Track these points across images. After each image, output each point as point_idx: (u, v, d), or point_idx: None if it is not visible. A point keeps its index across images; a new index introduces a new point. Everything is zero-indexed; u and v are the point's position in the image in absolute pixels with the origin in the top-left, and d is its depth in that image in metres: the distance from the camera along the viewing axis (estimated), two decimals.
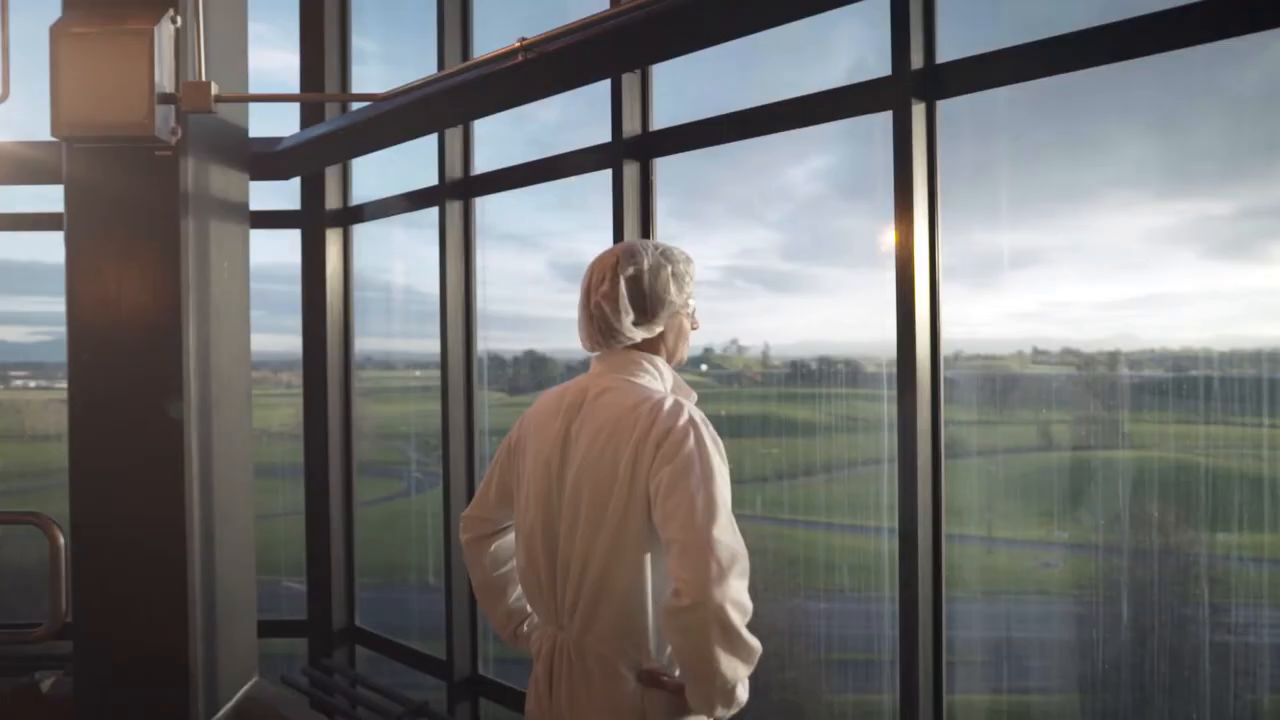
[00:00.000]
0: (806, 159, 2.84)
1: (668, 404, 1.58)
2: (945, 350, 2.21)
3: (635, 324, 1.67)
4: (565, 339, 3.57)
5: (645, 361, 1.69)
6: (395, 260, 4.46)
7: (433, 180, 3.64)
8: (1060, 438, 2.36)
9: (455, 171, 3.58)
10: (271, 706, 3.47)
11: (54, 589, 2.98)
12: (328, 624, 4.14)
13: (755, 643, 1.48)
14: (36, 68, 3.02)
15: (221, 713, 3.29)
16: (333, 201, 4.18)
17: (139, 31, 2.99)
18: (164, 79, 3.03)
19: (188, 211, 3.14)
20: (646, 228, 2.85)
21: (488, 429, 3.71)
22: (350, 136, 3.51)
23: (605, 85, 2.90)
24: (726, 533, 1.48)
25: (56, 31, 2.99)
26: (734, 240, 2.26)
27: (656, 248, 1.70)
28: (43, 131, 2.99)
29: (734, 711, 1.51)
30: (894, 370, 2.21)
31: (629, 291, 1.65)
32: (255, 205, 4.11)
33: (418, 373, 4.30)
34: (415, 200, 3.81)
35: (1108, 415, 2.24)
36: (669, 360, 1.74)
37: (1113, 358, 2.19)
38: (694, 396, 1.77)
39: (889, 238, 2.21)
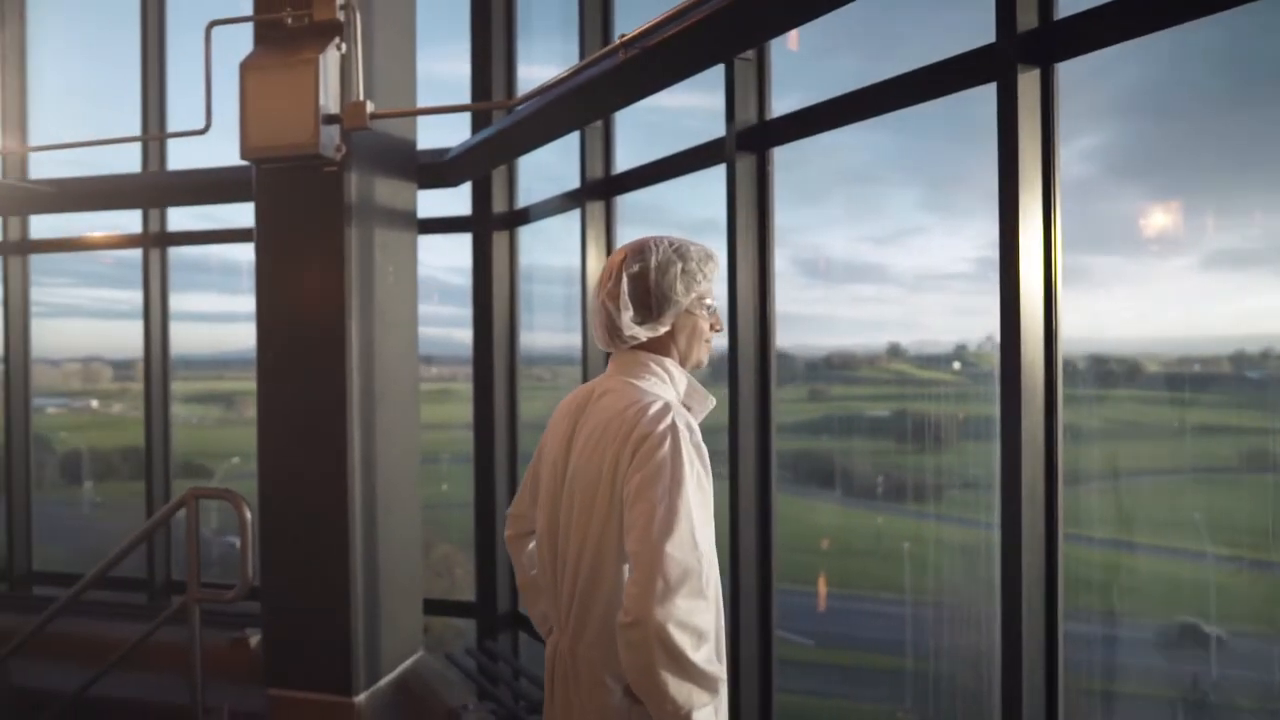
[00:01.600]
0: (1074, 138, 2.62)
1: (653, 408, 1.50)
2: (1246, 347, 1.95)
3: (638, 322, 1.60)
4: (806, 335, 3.49)
5: (653, 363, 1.62)
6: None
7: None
8: None
9: (596, 171, 3.63)
10: (429, 682, 3.72)
11: (242, 557, 3.35)
12: (493, 608, 4.37)
13: (712, 669, 1.38)
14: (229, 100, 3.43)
15: (383, 682, 3.56)
16: (499, 205, 4.39)
17: (308, 60, 3.30)
18: (329, 101, 3.32)
19: (351, 221, 3.42)
20: (763, 223, 2.73)
21: (718, 425, 3.67)
22: (494, 145, 3.68)
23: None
24: (682, 548, 1.37)
25: (245, 66, 3.38)
26: (990, 229, 2.10)
27: (672, 244, 1.62)
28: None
29: None
30: (1184, 370, 1.97)
31: (632, 289, 1.59)
32: (442, 212, 4.45)
33: None
34: (563, 202, 3.91)
35: None
36: (682, 362, 1.66)
37: None
38: (711, 402, 1.68)
39: (1171, 222, 1.97)
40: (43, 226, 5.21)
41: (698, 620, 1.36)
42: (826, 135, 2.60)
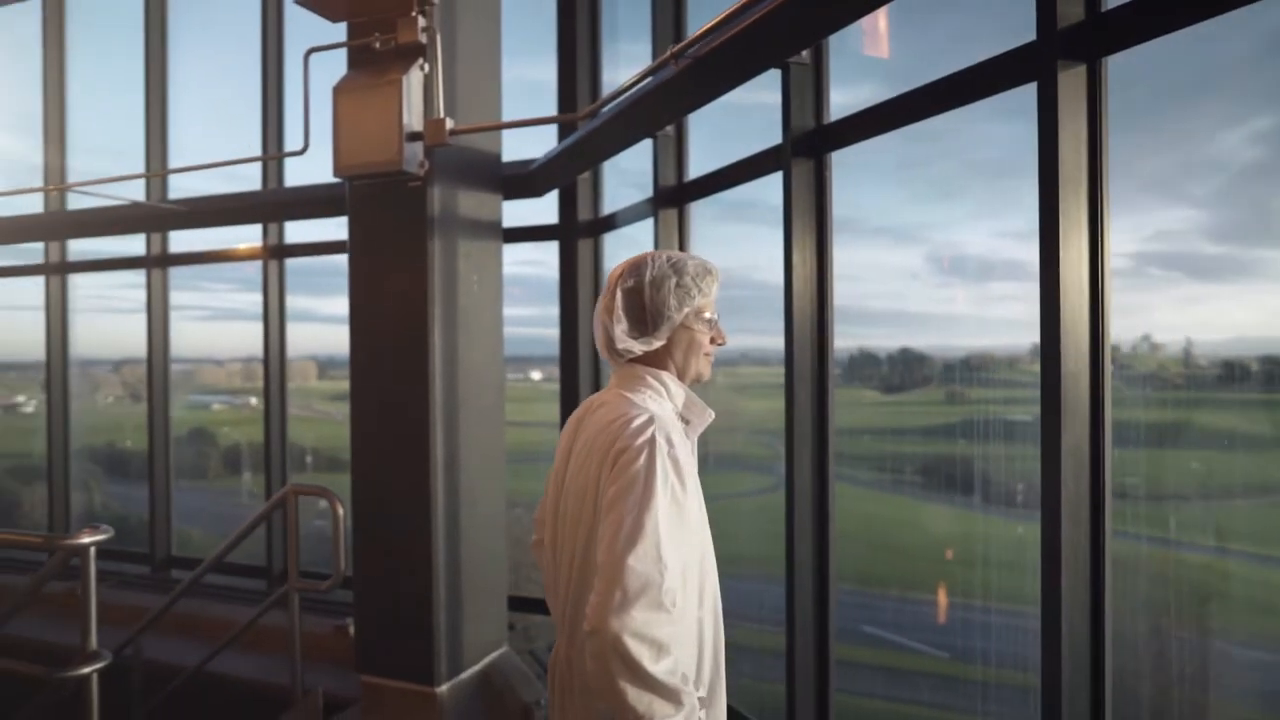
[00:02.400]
0: (1246, 120, 2.43)
1: (635, 422, 1.52)
2: None
3: (633, 336, 1.62)
4: (942, 335, 3.43)
5: (649, 376, 1.64)
6: (761, 256, 4.40)
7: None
8: None
9: (668, 178, 3.66)
10: (510, 677, 3.85)
11: (335, 549, 3.58)
12: None
13: (673, 681, 1.38)
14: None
15: (466, 674, 3.72)
16: (585, 213, 4.48)
17: (392, 81, 3.48)
18: (412, 119, 3.49)
19: (434, 233, 3.59)
20: (821, 231, 2.69)
21: (845, 428, 3.60)
22: (568, 156, 3.77)
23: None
24: (644, 561, 1.39)
25: (337, 90, 3.59)
26: (1146, 222, 2.01)
27: (670, 259, 1.64)
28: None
29: None
30: None
31: (627, 304, 1.62)
32: (536, 221, 4.59)
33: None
34: (642, 208, 3.96)
35: None
36: (680, 376, 1.67)
37: None
38: (710, 415, 1.68)
39: None
40: (182, 241, 5.69)
41: (656, 632, 1.37)
42: (965, 127, 2.47)
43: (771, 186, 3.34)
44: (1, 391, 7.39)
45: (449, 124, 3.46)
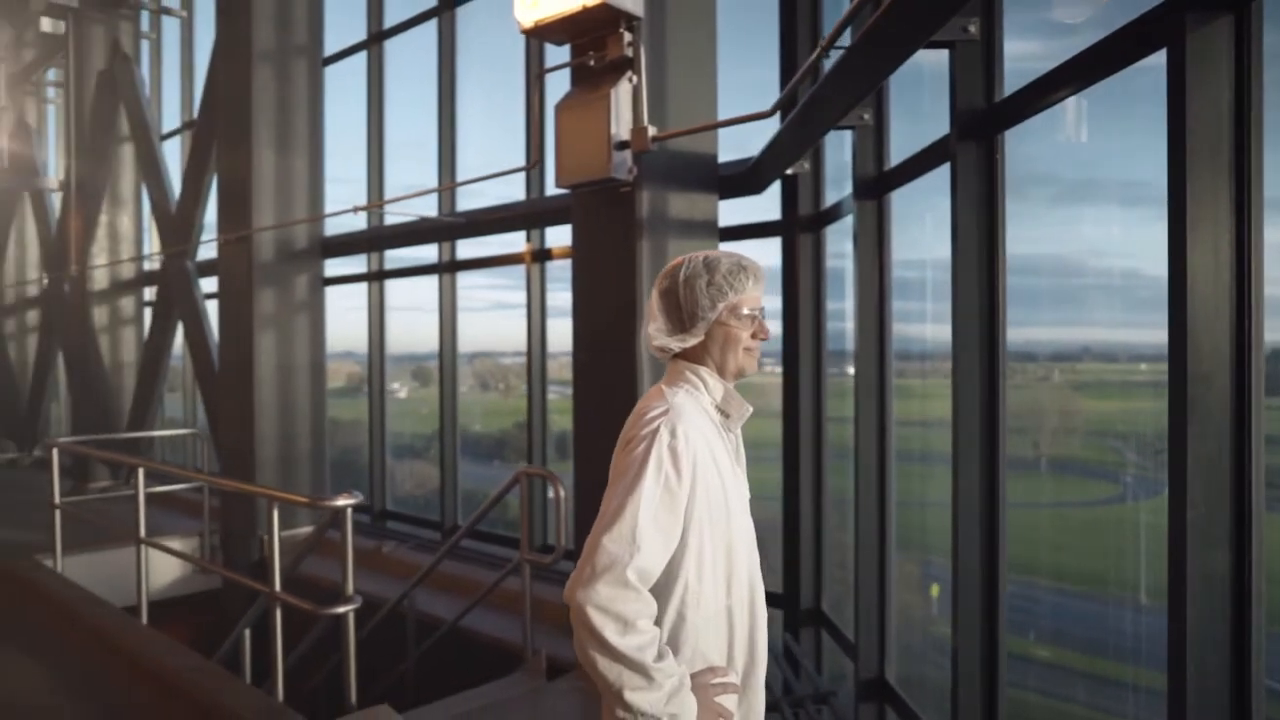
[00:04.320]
0: None
1: (650, 413, 1.57)
2: None
3: (667, 334, 1.68)
4: None
5: (688, 371, 1.68)
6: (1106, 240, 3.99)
7: None
8: None
9: (867, 170, 3.56)
10: None
11: (558, 527, 3.95)
12: (796, 602, 4.48)
13: (640, 657, 1.43)
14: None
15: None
16: (805, 207, 4.47)
17: (603, 95, 3.77)
18: (620, 129, 3.75)
19: (643, 235, 3.82)
20: (992, 223, 2.52)
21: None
22: (771, 153, 3.78)
23: None
24: (617, 542, 1.45)
25: (559, 107, 3.96)
26: None
27: (705, 259, 1.66)
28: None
29: (633, 718, 1.45)
30: None
31: (662, 304, 1.68)
32: (760, 219, 4.68)
33: (1143, 366, 3.77)
34: (848, 203, 3.88)
35: None
36: (720, 371, 1.68)
37: None
38: (748, 409, 1.68)
39: None
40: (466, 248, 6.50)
41: (620, 608, 1.44)
42: None
43: (1121, 161, 2.91)
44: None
45: (651, 131, 3.67)
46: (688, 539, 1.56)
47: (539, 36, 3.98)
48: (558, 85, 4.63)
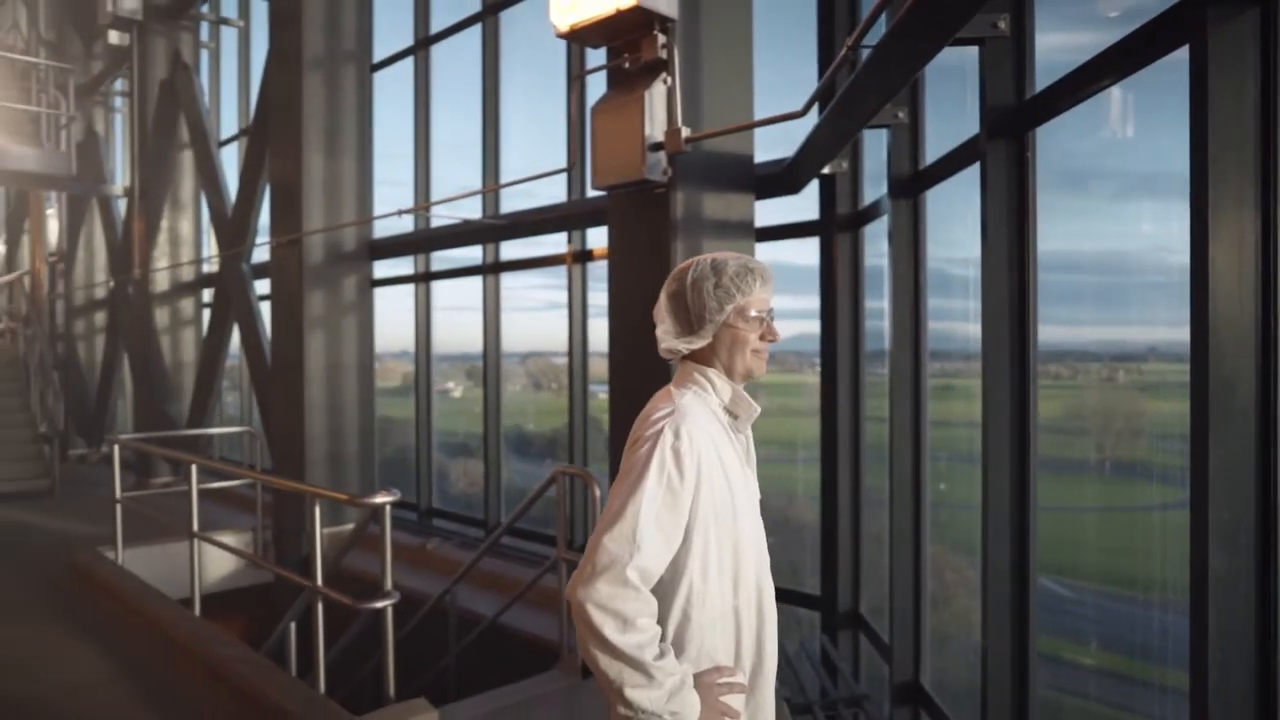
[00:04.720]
0: None
1: (657, 414, 1.58)
2: None
3: (676, 336, 1.68)
4: None
5: (696, 373, 1.69)
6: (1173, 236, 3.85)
7: None
8: None
9: (902, 169, 3.52)
10: None
11: (595, 525, 3.98)
12: (834, 605, 4.45)
13: (640, 655, 1.43)
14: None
15: None
16: (843, 206, 4.44)
17: (637, 98, 3.79)
18: (654, 130, 3.77)
19: (677, 235, 3.83)
20: (1022, 222, 2.48)
21: None
22: (806, 153, 3.76)
23: None
24: (618, 541, 1.46)
25: (595, 109, 3.99)
26: None
27: (712, 261, 1.67)
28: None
29: (634, 715, 1.46)
30: None
31: (670, 306, 1.70)
32: (801, 218, 4.65)
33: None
34: (885, 202, 3.84)
35: None
36: (728, 373, 1.68)
37: None
38: (756, 410, 1.68)
39: None
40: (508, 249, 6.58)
41: (619, 606, 1.45)
42: None
43: (1176, 156, 2.79)
44: (439, 379, 8.08)
45: (684, 132, 3.68)
46: (692, 539, 1.58)
47: (574, 40, 4.02)
48: (599, 86, 4.70)
